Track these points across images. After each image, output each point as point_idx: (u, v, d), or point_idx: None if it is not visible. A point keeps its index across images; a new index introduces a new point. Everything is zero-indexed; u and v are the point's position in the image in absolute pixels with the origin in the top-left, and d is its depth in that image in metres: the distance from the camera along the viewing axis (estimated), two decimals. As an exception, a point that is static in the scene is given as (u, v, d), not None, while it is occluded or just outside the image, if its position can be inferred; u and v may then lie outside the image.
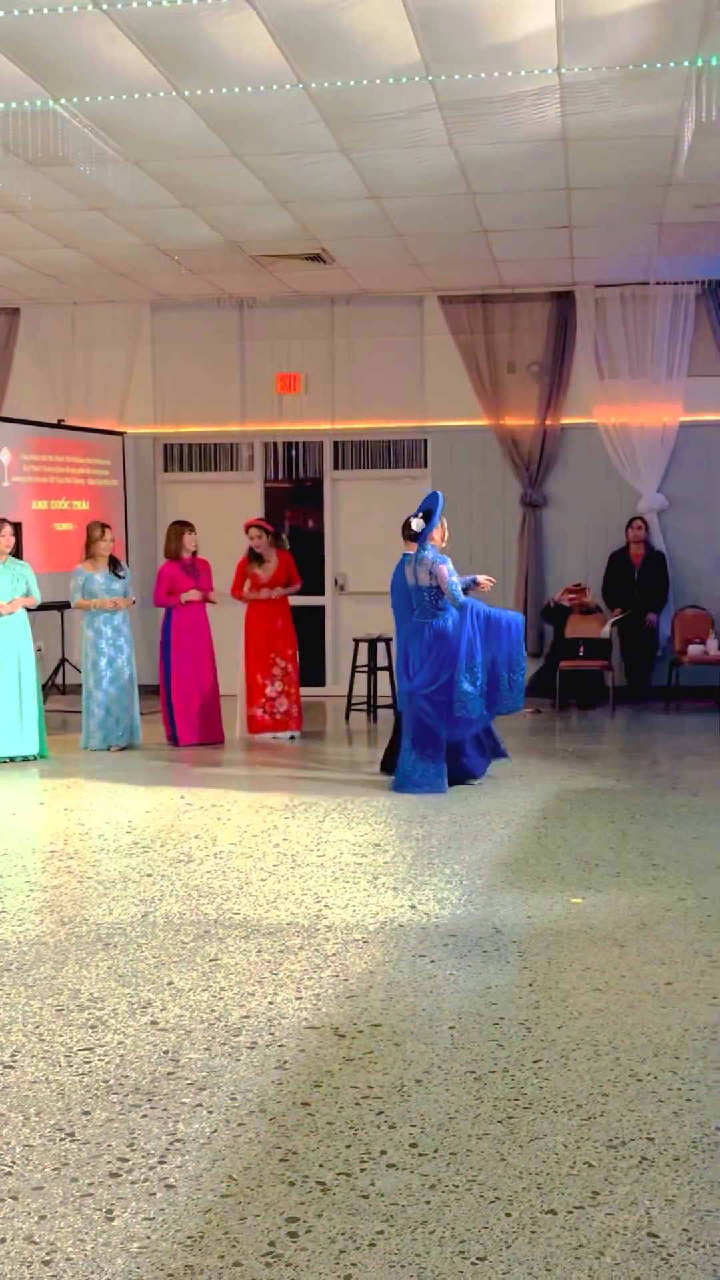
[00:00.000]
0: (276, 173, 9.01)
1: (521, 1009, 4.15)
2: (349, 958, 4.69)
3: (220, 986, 4.40)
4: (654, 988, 4.35)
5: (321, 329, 13.24)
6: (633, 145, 8.46)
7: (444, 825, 7.05)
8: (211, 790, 8.24)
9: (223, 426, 13.47)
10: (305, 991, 4.32)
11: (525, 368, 12.89)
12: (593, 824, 7.13)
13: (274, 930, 5.05)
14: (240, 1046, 3.85)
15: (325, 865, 6.14)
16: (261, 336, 13.31)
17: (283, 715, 10.48)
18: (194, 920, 5.21)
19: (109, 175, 8.92)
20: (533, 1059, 3.74)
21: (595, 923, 5.14)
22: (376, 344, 13.11)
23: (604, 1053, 3.78)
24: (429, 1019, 4.06)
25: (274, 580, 10.48)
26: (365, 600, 13.27)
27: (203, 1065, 3.72)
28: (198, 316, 13.31)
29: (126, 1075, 3.66)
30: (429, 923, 5.14)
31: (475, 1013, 4.12)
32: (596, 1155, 3.16)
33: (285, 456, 13.54)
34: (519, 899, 5.49)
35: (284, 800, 7.85)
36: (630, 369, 12.66)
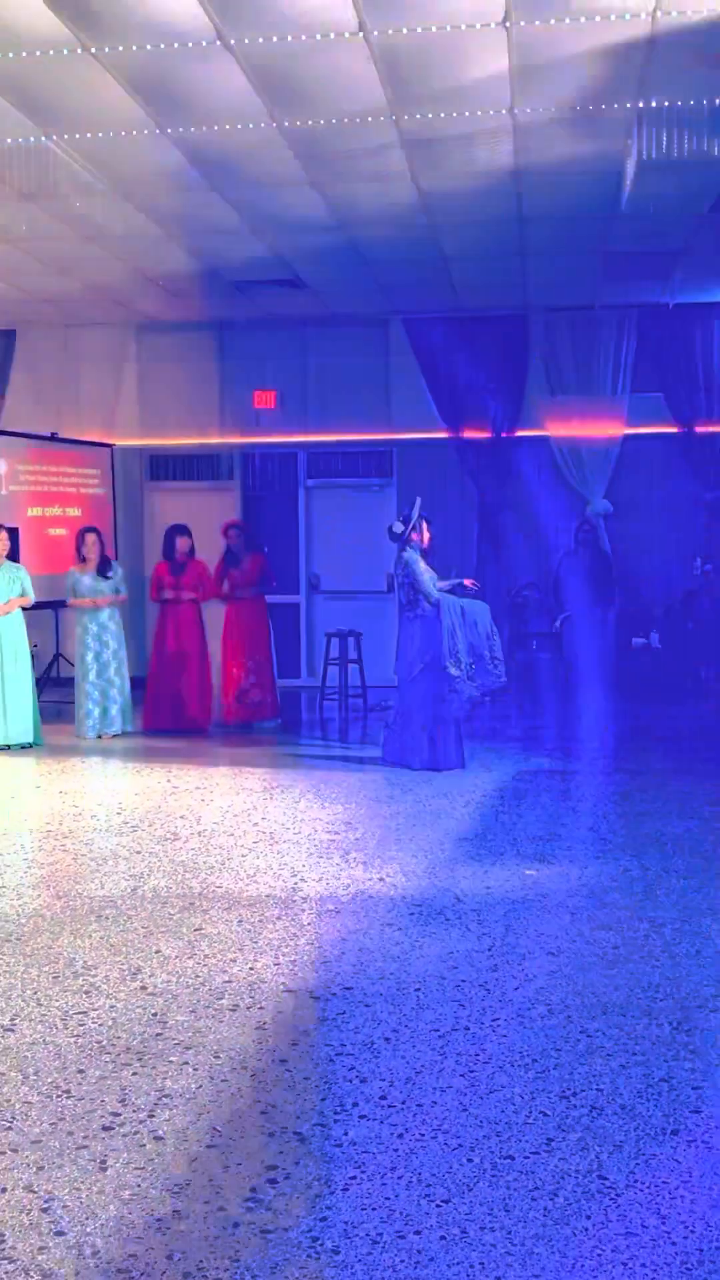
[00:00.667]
0: (252, 204, 8.98)
1: (481, 972, 4.15)
2: (323, 927, 4.68)
3: (204, 954, 4.38)
4: (602, 951, 4.37)
5: (294, 349, 13.20)
6: (580, 180, 8.47)
7: (409, 804, 7.05)
8: (195, 773, 8.21)
9: (204, 439, 13.41)
10: (283, 958, 4.32)
11: (482, 386, 12.89)
12: (546, 803, 7.15)
13: (254, 902, 5.04)
14: (223, 1009, 3.84)
15: (301, 842, 6.13)
16: (239, 356, 13.27)
17: (256, 705, 10.46)
18: (180, 893, 5.19)
19: (98, 207, 8.87)
20: (491, 1018, 3.75)
21: (548, 892, 5.15)
22: (345, 363, 13.09)
23: (557, 1011, 3.79)
24: (396, 982, 4.06)
25: (249, 578, 10.48)
26: (337, 598, 13.26)
27: (188, 1026, 3.70)
28: (180, 337, 13.25)
29: (118, 1036, 3.64)
30: (396, 894, 5.14)
31: (439, 976, 4.12)
32: (550, 1105, 3.17)
33: (262, 466, 13.49)
34: (478, 871, 5.50)
35: (263, 782, 7.84)
36: (578, 386, 12.69)
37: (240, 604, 10.44)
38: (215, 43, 6.25)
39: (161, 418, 13.40)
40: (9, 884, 5.37)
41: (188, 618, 10.24)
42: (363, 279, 11.27)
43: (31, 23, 6.01)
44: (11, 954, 4.41)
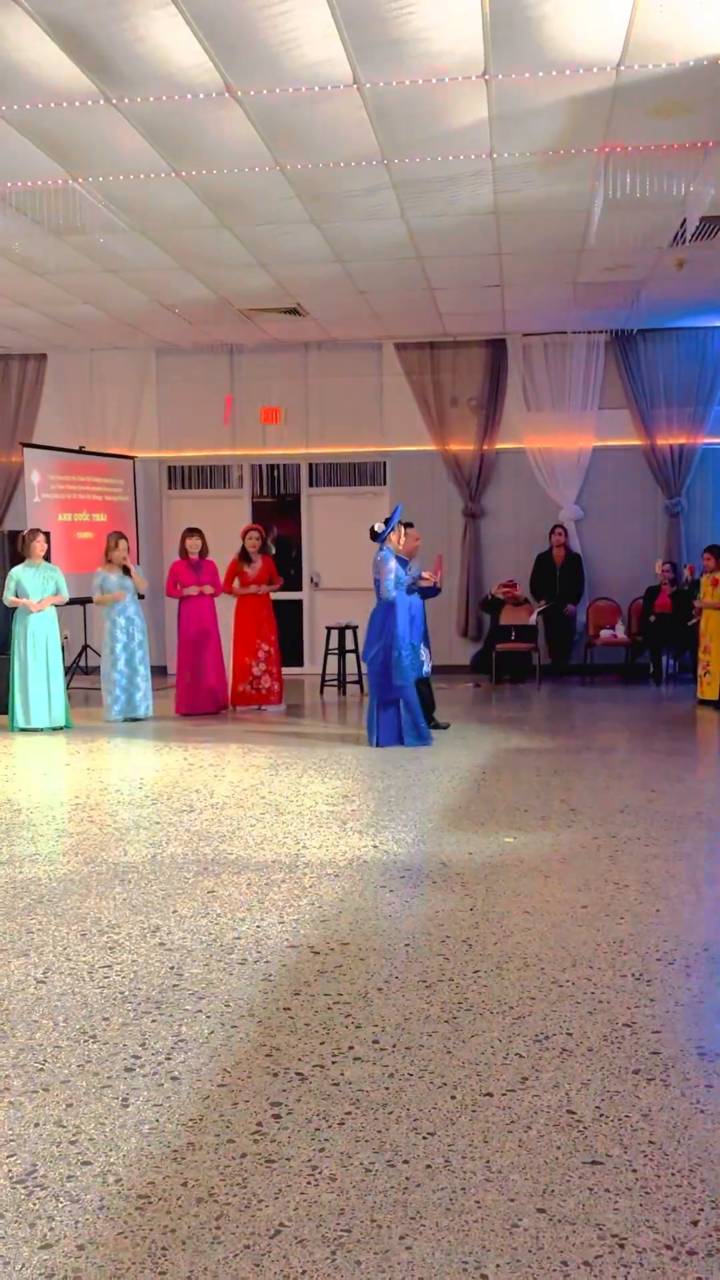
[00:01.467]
0: (258, 240, 8.96)
1: (464, 929, 4.16)
2: (323, 889, 4.69)
3: (216, 913, 4.39)
4: (573, 910, 4.37)
5: (297, 370, 13.18)
6: (553, 217, 8.45)
7: (401, 779, 7.06)
8: (209, 752, 8.21)
9: (217, 451, 13.40)
10: (287, 917, 4.32)
11: (465, 402, 12.88)
12: (522, 777, 7.16)
13: (261, 867, 5.05)
14: (233, 963, 3.85)
15: (303, 813, 6.14)
16: (248, 376, 13.25)
17: (265, 690, 10.46)
18: (195, 859, 5.20)
19: (120, 242, 8.85)
20: (473, 970, 3.76)
21: (525, 858, 5.16)
22: (343, 382, 13.07)
23: (531, 964, 3.80)
24: (388, 938, 4.07)
25: (259, 578, 10.48)
26: (336, 595, 13.26)
27: (202, 979, 3.71)
28: (195, 360, 13.22)
29: (139, 987, 3.65)
30: (388, 859, 5.15)
31: (426, 933, 4.12)
32: (525, 1048, 3.18)
33: (269, 476, 13.48)
34: (462, 839, 5.51)
35: (269, 760, 7.84)
36: (552, 403, 12.68)
37: (250, 600, 10.45)
38: (224, 94, 6.22)
39: (178, 432, 13.38)
40: (42, 851, 5.38)
41: (206, 612, 10.25)
42: (358, 306, 11.26)
43: (58, 75, 5.98)
44: (44, 914, 4.41)
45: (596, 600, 12.62)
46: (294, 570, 13.45)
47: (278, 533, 13.63)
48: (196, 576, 10.21)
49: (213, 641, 10.21)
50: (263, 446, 13.34)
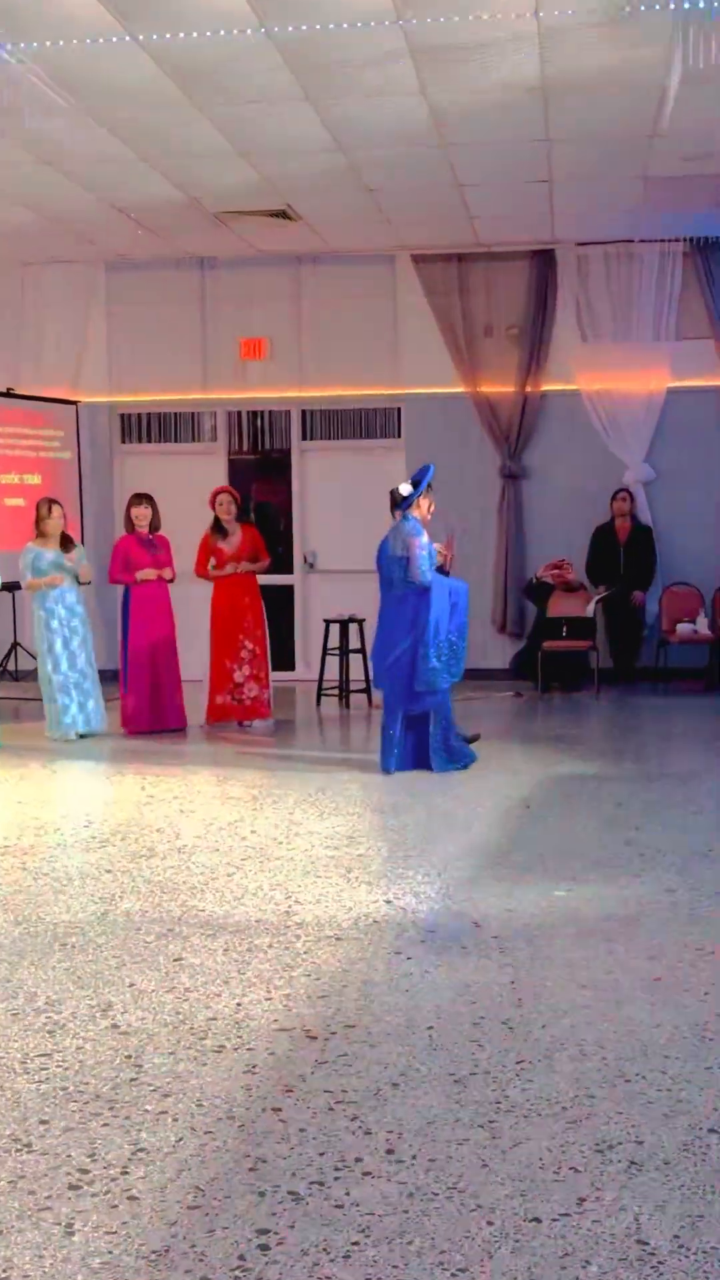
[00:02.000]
0: (238, 123, 8.96)
1: (503, 1008, 4.16)
2: (321, 956, 4.69)
3: (185, 987, 4.39)
4: (642, 983, 4.37)
5: (287, 290, 13.19)
6: (616, 95, 8.45)
7: (421, 815, 7.06)
8: (174, 780, 8.22)
9: (183, 395, 13.41)
10: (275, 992, 4.33)
11: (503, 331, 12.88)
12: (577, 813, 7.15)
13: (241, 928, 5.05)
14: (206, 1050, 3.86)
15: (295, 859, 6.14)
16: (224, 299, 13.25)
17: (251, 701, 10.40)
18: (156, 918, 5.20)
19: (60, 127, 8.85)
20: (515, 1060, 3.76)
21: (580, 916, 5.16)
22: (346, 306, 13.08)
23: (590, 1052, 3.80)
24: (406, 1019, 4.07)
25: (240, 554, 10.41)
26: (336, 579, 13.26)
27: (167, 1070, 3.72)
28: (156, 277, 13.23)
29: (86, 1082, 3.66)
30: (405, 918, 5.15)
31: (454, 1012, 4.13)
32: (583, 1160, 3.18)
33: (250, 426, 13.50)
34: (500, 892, 5.51)
35: (251, 791, 7.85)
36: (615, 332, 12.67)
37: (230, 585, 10.39)
38: (194, -64, 6.23)
39: (134, 371, 13.40)
40: (-40, 907, 5.39)
41: (161, 602, 10.20)
42: (365, 209, 11.25)
43: None
44: (-36, 988, 4.43)
45: (672, 586, 12.62)
46: (282, 547, 13.46)
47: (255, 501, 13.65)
48: (152, 555, 10.18)
49: (168, 640, 10.19)
50: (243, 388, 13.35)
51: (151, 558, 10.19)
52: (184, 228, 11.79)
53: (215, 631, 10.40)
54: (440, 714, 8.24)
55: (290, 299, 13.19)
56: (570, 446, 12.85)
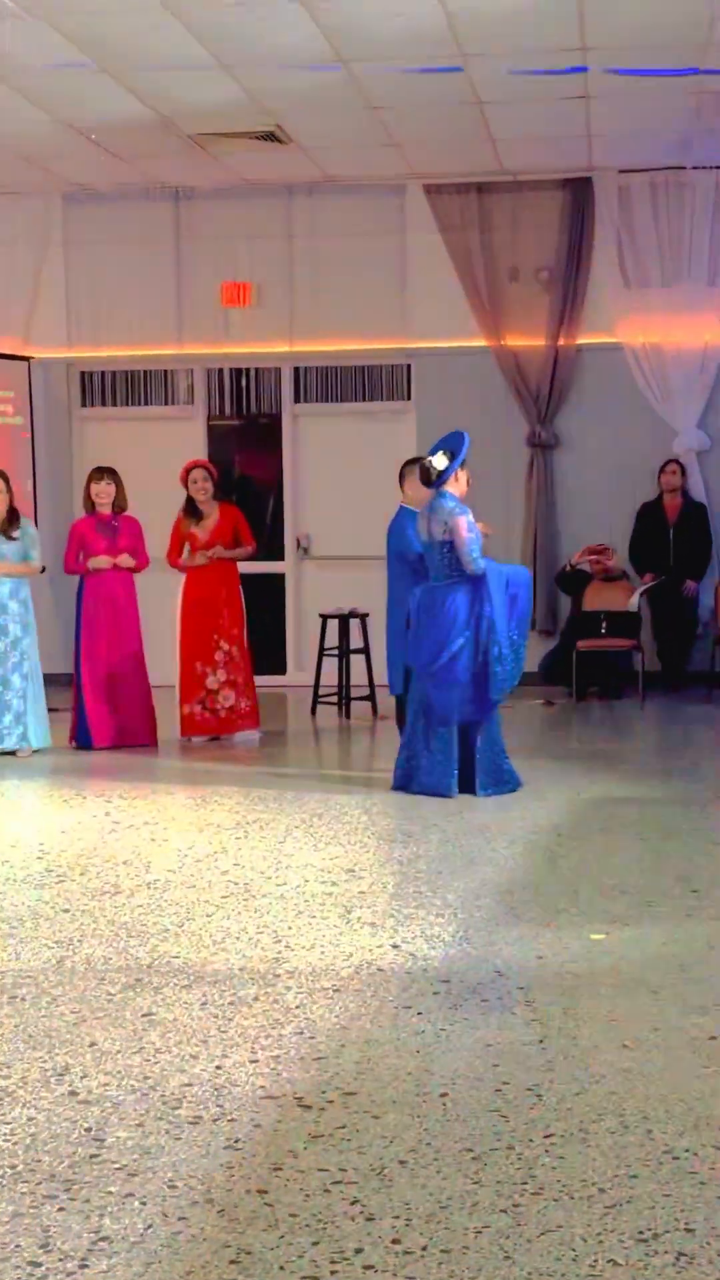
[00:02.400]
0: (219, 29, 8.95)
1: (530, 1071, 4.16)
2: (315, 1010, 4.69)
3: (155, 1048, 4.39)
4: (694, 1043, 4.37)
5: (277, 226, 13.18)
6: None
7: (434, 845, 7.05)
8: (144, 804, 8.21)
9: (155, 349, 13.41)
10: (262, 1053, 4.33)
11: (532, 274, 12.88)
12: (618, 842, 7.14)
13: (222, 977, 5.05)
14: (181, 1122, 3.85)
15: (286, 896, 6.14)
16: (203, 236, 13.25)
17: (228, 712, 10.40)
18: (122, 966, 5.20)
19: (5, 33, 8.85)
20: (544, 1133, 3.76)
21: (622, 964, 5.15)
22: (346, 245, 13.07)
23: (632, 1125, 3.80)
24: (415, 1085, 4.07)
25: (212, 540, 10.39)
26: (335, 567, 13.27)
27: (134, 1146, 3.71)
28: (123, 211, 13.23)
29: (39, 1159, 3.65)
30: (415, 966, 5.14)
31: (473, 1077, 4.12)
32: (623, 1251, 3.18)
33: (233, 387, 13.50)
34: (527, 935, 5.50)
35: (234, 816, 7.85)
36: (663, 275, 12.67)
37: (203, 575, 10.39)
38: None
39: (97, 321, 13.41)
40: None
41: (123, 595, 10.16)
42: (370, 130, 11.25)
43: None
44: None
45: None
46: (271, 530, 13.47)
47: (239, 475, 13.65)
48: (110, 541, 10.14)
49: (133, 639, 10.14)
50: (225, 341, 13.36)
51: (108, 543, 10.13)
52: (155, 153, 11.78)
53: (185, 629, 10.39)
54: (493, 728, 8.24)
55: (281, 237, 13.19)
56: (611, 410, 12.84)
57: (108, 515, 10.21)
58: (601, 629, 12.16)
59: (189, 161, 12.06)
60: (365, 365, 13.27)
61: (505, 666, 8.03)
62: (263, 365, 13.39)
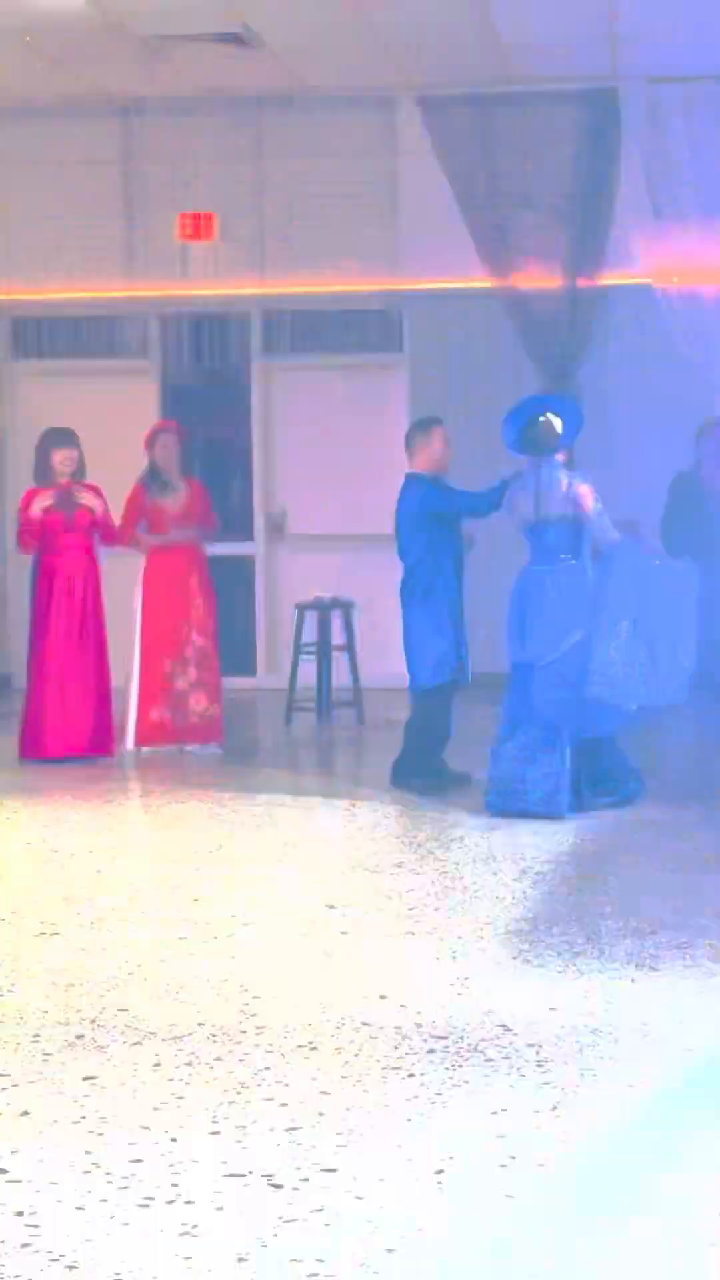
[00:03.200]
0: None
1: (543, 1144, 4.15)
2: (289, 1072, 4.68)
3: (100, 1116, 4.38)
4: (736, 1109, 4.37)
5: (245, 146, 13.16)
6: None
7: (430, 876, 7.05)
8: (89, 827, 8.20)
9: (100, 291, 13.37)
10: (225, 1123, 4.32)
11: (546, 203, 12.86)
12: (648, 872, 7.14)
13: (179, 1034, 5.04)
14: (129, 1204, 3.84)
15: (256, 937, 6.13)
16: (156, 157, 13.22)
17: (199, 718, 10.40)
18: (61, 1020, 5.19)
19: None
20: (558, 1218, 3.75)
21: (650, 1017, 5.15)
22: (326, 168, 13.05)
23: (663, 1209, 3.79)
24: (406, 1160, 4.06)
25: (188, 516, 10.41)
26: (313, 548, 13.26)
27: (74, 1233, 3.70)
28: (62, 128, 13.20)
29: (-39, 1251, 3.64)
30: (408, 1019, 5.14)
31: (475, 1150, 4.12)
32: None
33: (193, 336, 13.48)
34: (539, 983, 5.50)
35: (195, 843, 7.84)
36: (700, 204, 12.66)
37: (170, 558, 10.38)
38: None
39: (32, 258, 13.37)
40: None
41: (82, 579, 10.15)
42: (352, 31, 11.22)
43: None
44: None
45: (780, 556, 12.63)
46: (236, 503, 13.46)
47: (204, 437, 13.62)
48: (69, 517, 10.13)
49: (93, 631, 10.14)
50: (183, 282, 13.32)
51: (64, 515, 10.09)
52: (100, 58, 11.74)
53: (148, 621, 10.39)
54: (614, 739, 8.46)
55: (249, 158, 13.16)
56: (639, 363, 12.84)
57: (67, 484, 10.15)
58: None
59: (140, 69, 12.02)
60: (349, 310, 13.25)
61: (611, 674, 8.05)
62: (228, 311, 13.37)
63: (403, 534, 9.03)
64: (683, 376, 12.75)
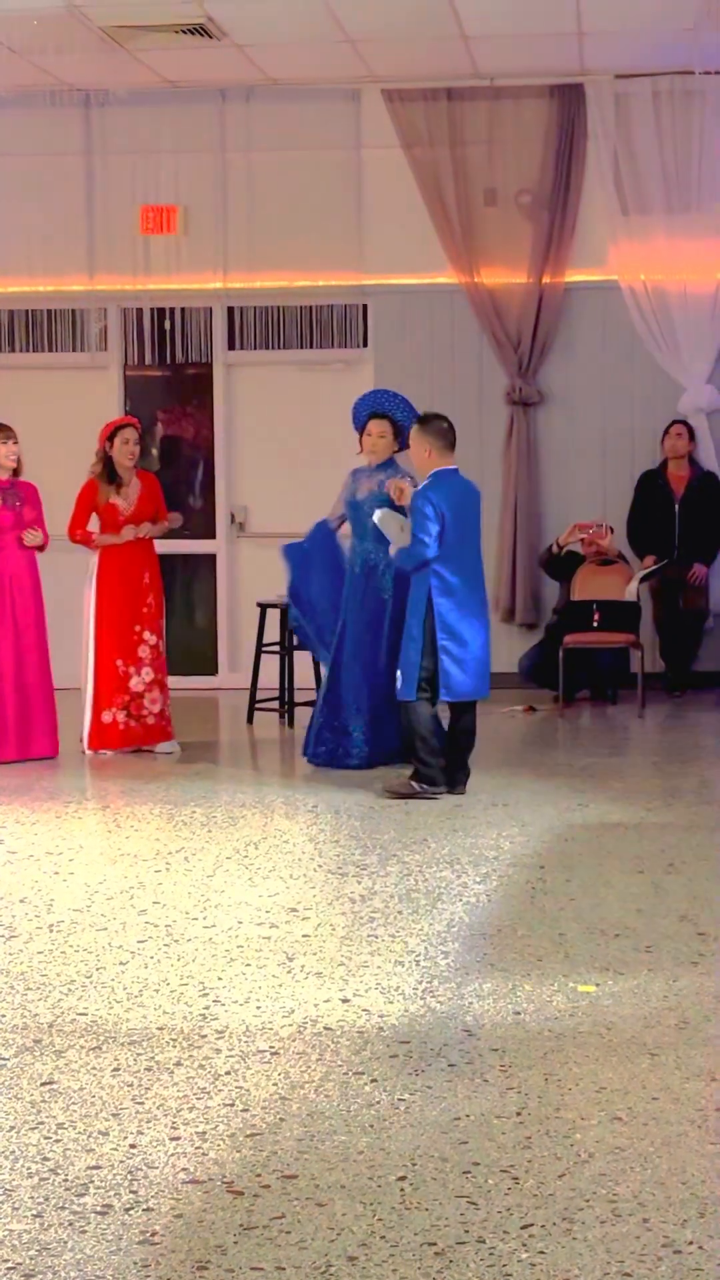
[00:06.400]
0: None
1: (506, 1150, 4.16)
2: (250, 1077, 4.68)
3: (57, 1123, 4.37)
4: (700, 1115, 4.38)
5: (208, 138, 13.15)
6: None
7: (393, 879, 7.05)
8: (44, 831, 8.18)
9: (60, 284, 13.35)
10: (185, 1128, 4.32)
11: (512, 198, 12.88)
12: (612, 875, 7.15)
13: (138, 1038, 5.03)
14: (87, 1211, 3.84)
15: (216, 940, 6.13)
16: (118, 149, 13.20)
17: (156, 718, 10.39)
18: (17, 1025, 5.17)
19: None
20: (521, 1223, 3.76)
21: (615, 1021, 5.16)
22: (290, 160, 13.05)
23: (626, 1212, 3.80)
24: (369, 1166, 4.07)
25: (140, 513, 10.38)
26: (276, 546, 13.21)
27: (30, 1240, 3.70)
28: (22, 119, 13.16)
29: None
30: (370, 1023, 5.14)
31: (438, 1156, 4.12)
32: None
33: (155, 330, 13.45)
34: (502, 987, 5.51)
35: (154, 845, 7.83)
36: (668, 199, 12.69)
37: (124, 555, 10.36)
38: None
39: (-10, 249, 13.34)
40: None
41: (23, 576, 10.11)
42: (318, 24, 11.21)
43: None
44: None
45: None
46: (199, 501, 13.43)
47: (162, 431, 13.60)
48: (16, 512, 10.08)
49: (33, 629, 10.09)
50: (144, 276, 13.30)
51: (14, 514, 10.09)
52: (61, 48, 11.71)
53: (102, 620, 10.36)
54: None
55: (212, 150, 13.15)
56: (605, 361, 12.87)
57: (5, 481, 10.13)
58: (594, 621, 12.17)
59: (101, 59, 11.99)
60: (313, 305, 13.24)
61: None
62: (190, 304, 13.35)
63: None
64: (648, 376, 12.80)
